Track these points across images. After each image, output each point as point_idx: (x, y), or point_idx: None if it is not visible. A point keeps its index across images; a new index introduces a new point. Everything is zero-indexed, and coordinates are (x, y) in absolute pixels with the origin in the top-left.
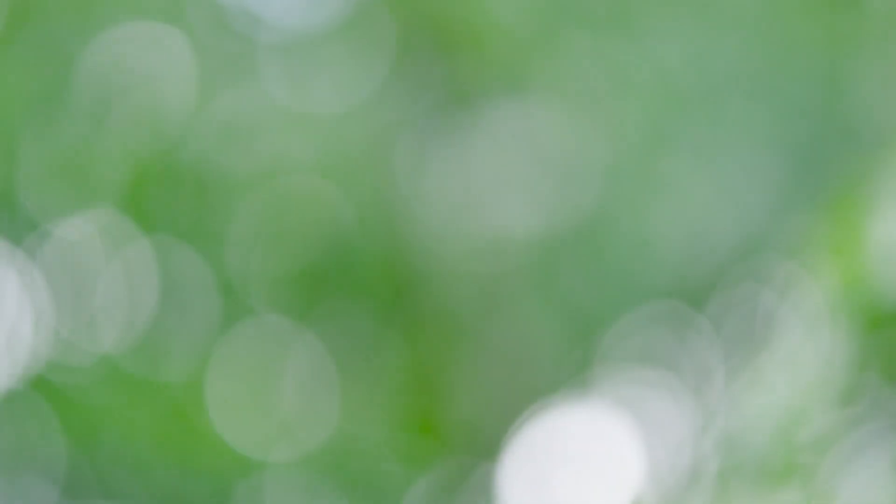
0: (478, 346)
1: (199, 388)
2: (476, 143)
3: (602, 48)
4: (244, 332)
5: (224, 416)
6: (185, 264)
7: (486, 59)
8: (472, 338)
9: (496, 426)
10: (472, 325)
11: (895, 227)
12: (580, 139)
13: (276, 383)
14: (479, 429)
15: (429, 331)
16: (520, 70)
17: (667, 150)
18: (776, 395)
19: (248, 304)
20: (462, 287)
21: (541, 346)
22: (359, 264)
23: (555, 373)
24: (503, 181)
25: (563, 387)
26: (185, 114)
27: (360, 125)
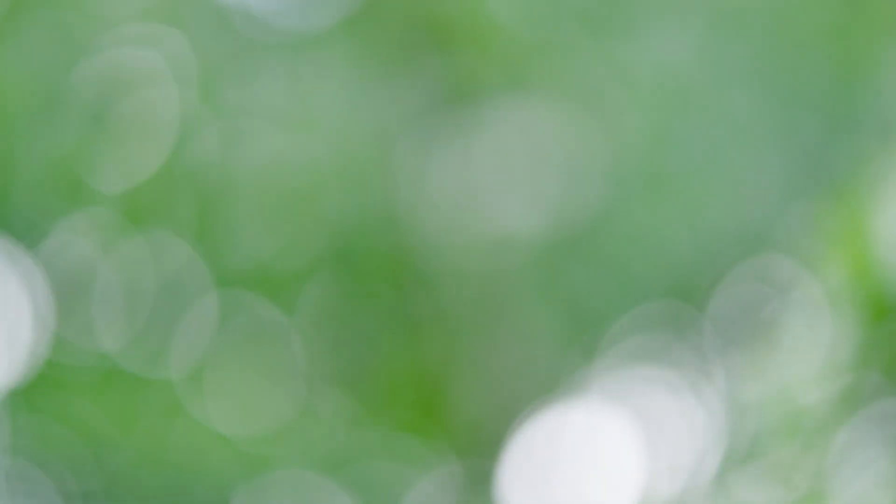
0: (480, 345)
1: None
2: (478, 143)
3: (604, 46)
4: (246, 330)
5: (225, 415)
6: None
7: (487, 58)
8: (475, 337)
9: (498, 425)
10: (475, 325)
11: None
12: (582, 138)
13: (278, 382)
14: (481, 428)
15: (431, 330)
16: (522, 69)
17: (670, 148)
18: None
19: (250, 303)
20: (464, 286)
21: (542, 346)
22: (361, 263)
23: (556, 372)
24: (505, 180)
25: (564, 386)
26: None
27: (363, 125)
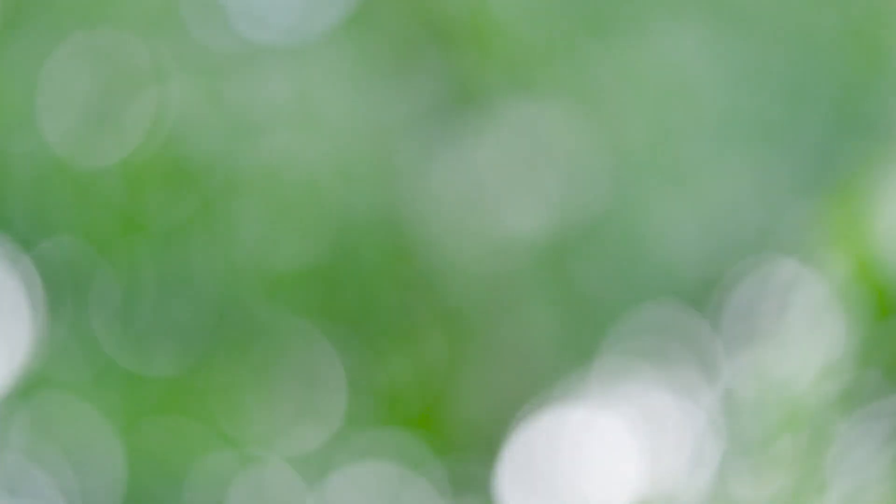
0: (483, 345)
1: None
2: (482, 143)
3: (609, 46)
4: (248, 329)
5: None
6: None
7: (492, 59)
8: (478, 337)
9: (501, 425)
10: (478, 325)
11: None
12: (586, 139)
13: (277, 381)
14: (484, 428)
15: (432, 330)
16: (526, 69)
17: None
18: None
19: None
20: (468, 286)
21: (543, 346)
22: (365, 263)
23: (557, 372)
24: (509, 181)
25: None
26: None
27: (366, 125)
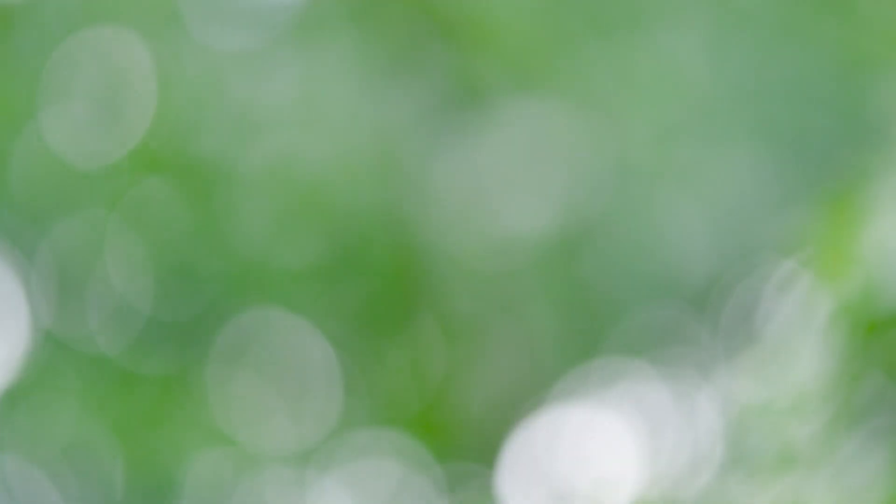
0: (484, 344)
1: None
2: (485, 142)
3: (611, 45)
4: (248, 327)
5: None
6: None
7: (495, 57)
8: (478, 336)
9: (501, 425)
10: (479, 324)
11: (894, 227)
12: (588, 138)
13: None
14: (484, 428)
15: (435, 329)
16: (529, 68)
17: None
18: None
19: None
20: (470, 285)
21: (544, 345)
22: (367, 262)
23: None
24: (511, 180)
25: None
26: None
27: (369, 123)
